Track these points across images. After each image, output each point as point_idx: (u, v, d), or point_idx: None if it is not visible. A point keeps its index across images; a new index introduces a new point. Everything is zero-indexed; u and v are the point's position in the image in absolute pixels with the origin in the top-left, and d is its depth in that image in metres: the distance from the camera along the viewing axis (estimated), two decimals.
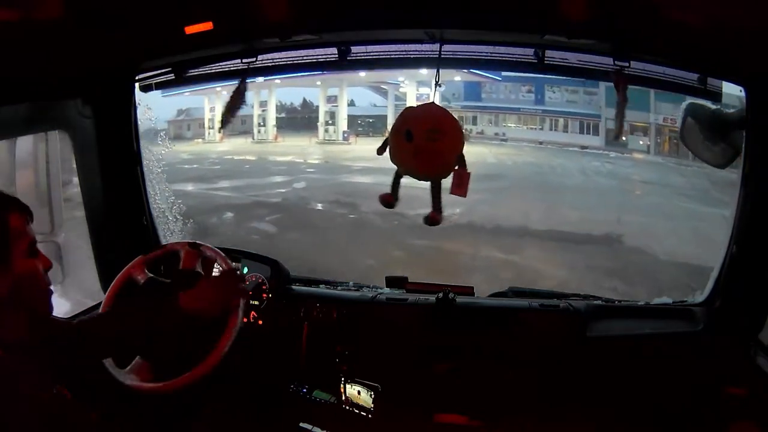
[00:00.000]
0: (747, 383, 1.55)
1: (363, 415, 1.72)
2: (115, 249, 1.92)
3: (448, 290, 1.81)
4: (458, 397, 1.70)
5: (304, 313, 1.86)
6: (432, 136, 1.37)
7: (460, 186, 1.40)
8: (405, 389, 1.70)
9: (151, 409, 1.52)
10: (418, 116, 1.43)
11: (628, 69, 1.51)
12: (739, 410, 1.54)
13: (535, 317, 1.77)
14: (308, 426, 1.71)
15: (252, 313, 1.86)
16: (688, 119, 1.59)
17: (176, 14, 1.34)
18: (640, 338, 1.71)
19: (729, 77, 1.52)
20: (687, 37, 1.34)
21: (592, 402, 1.64)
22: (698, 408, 1.59)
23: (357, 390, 1.73)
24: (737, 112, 1.54)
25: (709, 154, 1.61)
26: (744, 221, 1.57)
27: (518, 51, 1.67)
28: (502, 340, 1.75)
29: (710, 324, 1.68)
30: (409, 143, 1.39)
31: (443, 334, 1.78)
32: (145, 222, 2.02)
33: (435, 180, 1.43)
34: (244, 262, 1.92)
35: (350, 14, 1.43)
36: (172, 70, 1.80)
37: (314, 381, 1.81)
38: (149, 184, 2.03)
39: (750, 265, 1.58)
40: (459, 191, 1.40)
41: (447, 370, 1.74)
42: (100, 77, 1.73)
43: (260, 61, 1.71)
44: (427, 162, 1.40)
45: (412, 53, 1.75)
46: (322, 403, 1.77)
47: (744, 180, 1.57)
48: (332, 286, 2.05)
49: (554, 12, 1.28)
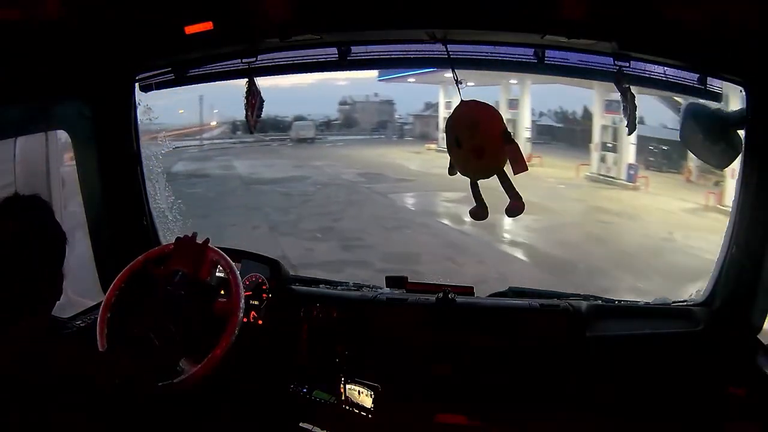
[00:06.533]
0: (747, 383, 1.55)
1: (363, 415, 1.72)
2: (115, 249, 1.92)
3: (448, 290, 1.81)
4: (458, 397, 1.70)
5: (304, 313, 1.86)
6: (472, 132, 1.36)
7: (517, 162, 1.33)
8: (405, 389, 1.70)
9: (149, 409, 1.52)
10: (456, 120, 1.42)
11: (628, 69, 1.51)
12: (739, 410, 1.54)
13: (535, 317, 1.77)
14: (308, 426, 1.71)
15: (252, 313, 1.86)
16: (688, 119, 1.59)
17: (176, 14, 1.34)
18: (640, 338, 1.71)
19: (729, 77, 1.52)
20: (687, 37, 1.34)
21: (592, 402, 1.64)
22: (698, 408, 1.59)
23: (357, 390, 1.73)
24: (737, 112, 1.54)
25: (709, 154, 1.61)
26: (743, 221, 1.57)
27: (518, 51, 1.68)
28: (502, 340, 1.75)
29: (710, 324, 1.68)
30: (460, 149, 1.39)
31: (443, 334, 1.78)
32: (145, 222, 2.02)
33: (498, 171, 1.38)
34: (244, 262, 1.92)
35: (350, 14, 1.43)
36: (172, 70, 1.81)
37: (314, 381, 1.81)
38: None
39: (750, 265, 1.58)
40: (519, 168, 1.33)
41: (447, 370, 1.74)
42: (100, 77, 1.73)
43: (260, 61, 1.71)
44: (482, 154, 1.36)
45: (412, 53, 1.75)
46: (322, 403, 1.76)
47: (744, 180, 1.56)
48: (332, 286, 2.05)
49: (554, 12, 1.29)
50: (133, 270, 1.58)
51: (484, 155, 1.36)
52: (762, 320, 1.61)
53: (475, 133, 1.35)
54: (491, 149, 1.35)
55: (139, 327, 1.20)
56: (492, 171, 1.38)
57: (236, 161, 21.93)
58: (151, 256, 1.59)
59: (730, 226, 1.63)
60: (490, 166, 1.37)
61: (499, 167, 1.37)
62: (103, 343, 1.49)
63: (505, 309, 1.83)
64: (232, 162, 21.71)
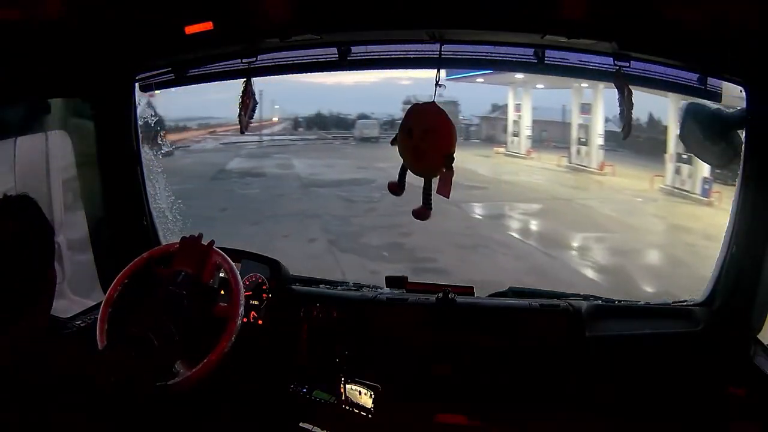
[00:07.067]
0: (747, 383, 1.55)
1: (363, 415, 1.72)
2: (115, 249, 1.92)
3: (448, 290, 1.81)
4: (458, 397, 1.70)
5: (304, 313, 1.86)
6: (425, 135, 1.42)
7: (444, 186, 1.44)
8: (405, 389, 1.70)
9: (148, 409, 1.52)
10: (418, 114, 1.47)
11: (628, 69, 1.51)
12: (739, 410, 1.54)
13: (535, 317, 1.78)
14: (308, 426, 1.71)
15: (252, 313, 1.86)
16: (688, 119, 1.59)
17: (176, 14, 1.34)
18: (639, 338, 1.71)
19: (729, 77, 1.52)
20: (687, 37, 1.34)
21: (592, 402, 1.64)
22: (698, 408, 1.59)
23: (357, 390, 1.73)
24: (737, 112, 1.54)
25: (709, 154, 1.61)
26: (744, 221, 1.57)
27: (518, 51, 1.68)
28: (502, 340, 1.75)
29: (710, 324, 1.67)
30: (410, 140, 1.44)
31: (443, 334, 1.78)
32: (145, 222, 2.02)
33: (426, 177, 1.47)
34: (244, 262, 1.92)
35: (350, 14, 1.43)
36: (172, 70, 1.81)
37: (314, 381, 1.80)
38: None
39: (749, 265, 1.58)
40: (443, 191, 1.44)
41: (447, 370, 1.74)
42: (100, 77, 1.73)
43: (260, 61, 1.71)
44: (420, 159, 1.45)
45: (412, 53, 1.75)
46: (322, 403, 1.76)
47: (744, 180, 1.56)
48: (332, 286, 2.05)
49: (554, 12, 1.29)
50: (136, 267, 1.58)
51: (422, 160, 1.44)
52: (762, 320, 1.61)
53: (425, 138, 1.41)
54: (430, 161, 1.43)
55: (140, 326, 1.20)
56: (422, 174, 1.47)
57: (295, 160, 21.13)
58: (155, 254, 1.59)
59: (730, 226, 1.62)
60: (421, 170, 1.46)
61: (430, 176, 1.46)
62: (103, 340, 1.49)
63: (505, 309, 1.83)
64: (291, 160, 20.95)
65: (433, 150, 1.42)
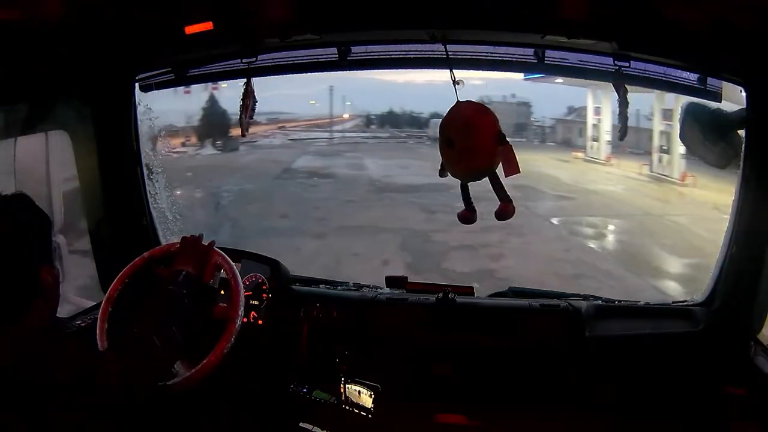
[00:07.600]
0: (747, 383, 1.55)
1: (363, 415, 1.72)
2: (115, 249, 1.92)
3: (448, 290, 1.81)
4: (458, 397, 1.70)
5: (304, 313, 1.86)
6: (465, 133, 1.34)
7: (509, 165, 1.31)
8: (405, 389, 1.70)
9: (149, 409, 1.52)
10: (449, 121, 1.39)
11: (628, 69, 1.51)
12: (739, 410, 1.54)
13: (535, 317, 1.78)
14: (308, 426, 1.71)
15: (252, 313, 1.86)
16: (688, 119, 1.59)
17: (176, 14, 1.34)
18: (639, 338, 1.72)
19: (729, 77, 1.52)
20: (687, 37, 1.34)
21: (592, 402, 1.64)
22: (698, 408, 1.59)
23: (357, 390, 1.73)
24: (737, 112, 1.54)
25: (709, 154, 1.61)
26: (743, 221, 1.57)
27: (518, 51, 1.68)
28: (502, 340, 1.75)
29: (710, 324, 1.68)
30: (453, 148, 1.36)
31: (443, 334, 1.78)
32: (145, 222, 2.01)
33: (489, 173, 1.36)
34: (244, 262, 1.92)
35: (350, 14, 1.43)
36: (172, 70, 1.81)
37: (314, 381, 1.81)
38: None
39: (749, 265, 1.58)
40: (511, 170, 1.31)
41: (447, 370, 1.74)
42: (100, 77, 1.73)
43: (260, 61, 1.71)
44: (473, 157, 1.34)
45: (412, 53, 1.75)
46: (322, 403, 1.76)
47: (744, 180, 1.57)
48: (332, 286, 2.05)
49: (554, 12, 1.29)
50: (136, 267, 1.58)
51: (475, 156, 1.34)
52: (762, 320, 1.61)
53: (468, 134, 1.33)
54: (483, 151, 1.33)
55: (140, 327, 1.20)
56: (483, 173, 1.35)
57: (367, 159, 19.71)
58: (156, 254, 1.59)
59: (730, 226, 1.62)
60: (479, 167, 1.35)
61: (490, 169, 1.34)
62: (103, 339, 1.49)
63: (505, 309, 1.83)
64: (362, 160, 19.58)
65: (480, 139, 1.33)
